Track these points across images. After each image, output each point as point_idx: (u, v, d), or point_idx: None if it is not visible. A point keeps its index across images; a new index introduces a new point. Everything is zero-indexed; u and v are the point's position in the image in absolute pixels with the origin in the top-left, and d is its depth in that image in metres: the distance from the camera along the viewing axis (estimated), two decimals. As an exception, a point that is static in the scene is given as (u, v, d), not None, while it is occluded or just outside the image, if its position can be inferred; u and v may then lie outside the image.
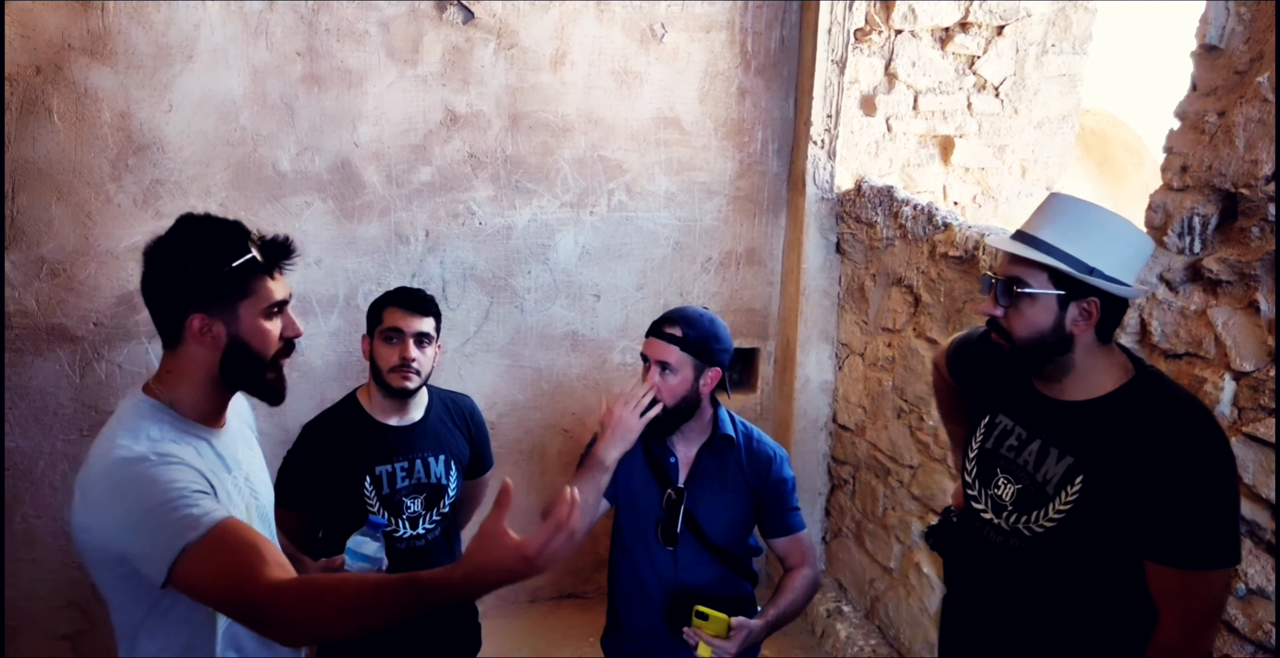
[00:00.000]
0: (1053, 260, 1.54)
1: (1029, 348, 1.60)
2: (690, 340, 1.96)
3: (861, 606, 3.65)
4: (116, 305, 3.14)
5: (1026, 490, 1.67)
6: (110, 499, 1.33)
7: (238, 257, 1.43)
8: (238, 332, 1.45)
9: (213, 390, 1.49)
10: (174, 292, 1.43)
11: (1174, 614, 1.52)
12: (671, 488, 2.00)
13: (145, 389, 1.49)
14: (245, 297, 1.44)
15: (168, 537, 1.29)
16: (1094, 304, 1.57)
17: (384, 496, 2.18)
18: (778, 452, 2.12)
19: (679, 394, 1.98)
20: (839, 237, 3.56)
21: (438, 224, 3.40)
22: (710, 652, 1.84)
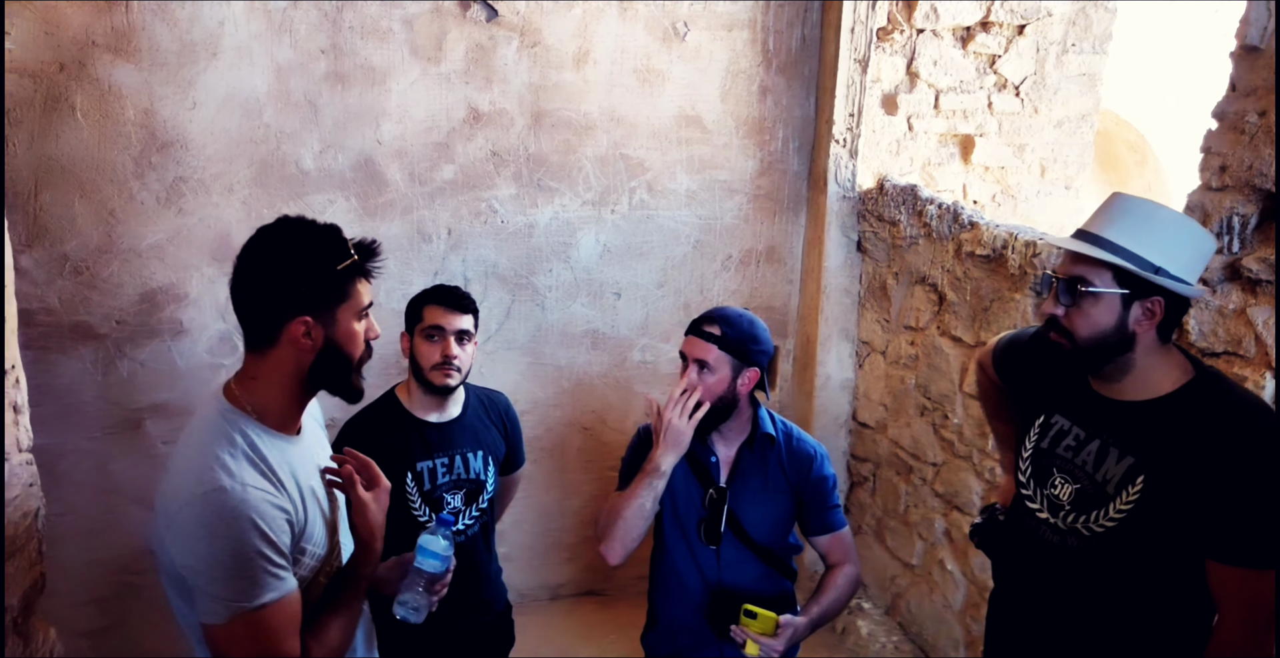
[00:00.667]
0: (1118, 259, 1.55)
1: (1090, 348, 1.60)
2: (729, 340, 1.97)
3: (883, 602, 3.67)
4: (139, 303, 3.13)
5: (1085, 490, 1.67)
6: (195, 532, 1.33)
7: (341, 260, 1.43)
8: (334, 335, 1.45)
9: (298, 394, 1.49)
10: (277, 295, 1.41)
11: (1236, 614, 1.53)
12: (714, 487, 2.00)
13: (226, 394, 1.47)
14: (345, 300, 1.45)
15: (230, 593, 1.33)
16: (1158, 303, 1.58)
17: (425, 491, 2.18)
18: (819, 450, 2.13)
19: (716, 393, 1.99)
20: (860, 235, 3.57)
21: (460, 222, 3.40)
22: (758, 650, 1.85)
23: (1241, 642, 1.53)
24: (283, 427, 1.50)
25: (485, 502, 2.29)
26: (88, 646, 3.23)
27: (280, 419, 1.49)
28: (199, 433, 1.44)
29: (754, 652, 1.86)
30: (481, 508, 2.29)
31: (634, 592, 3.96)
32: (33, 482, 1.59)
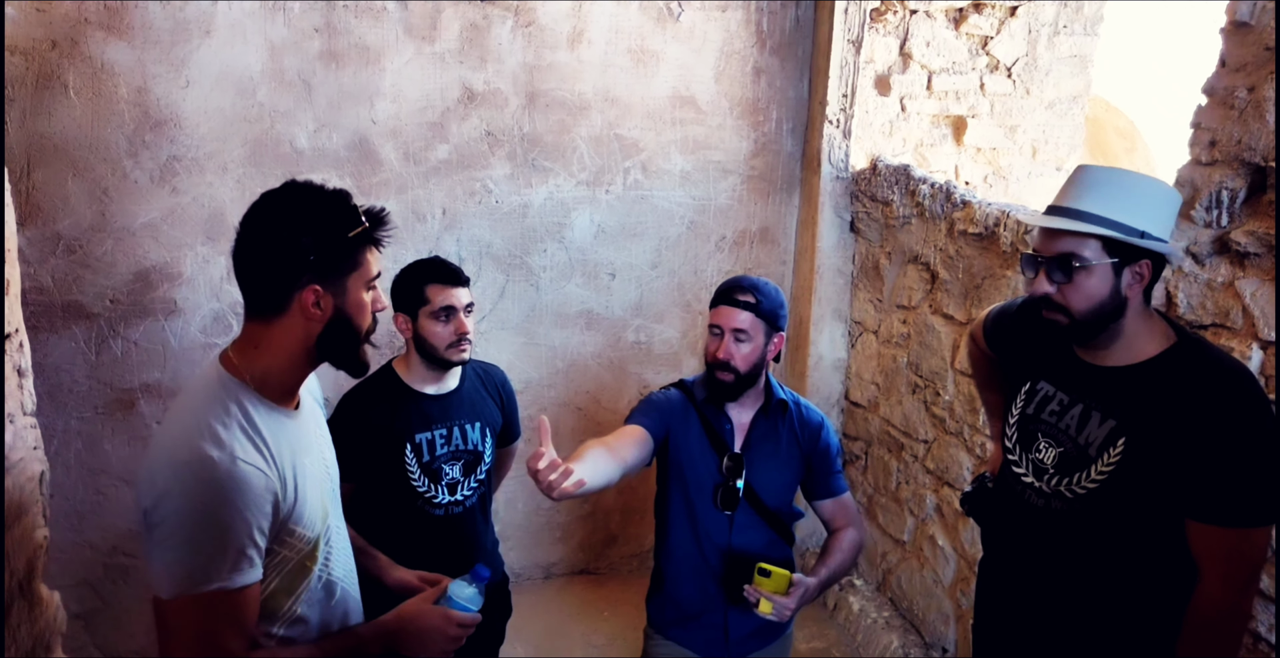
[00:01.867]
0: (1107, 230, 1.57)
1: (1089, 320, 1.62)
2: (763, 307, 2.00)
3: (873, 579, 3.71)
4: (133, 282, 3.12)
5: (1069, 454, 1.71)
6: (171, 498, 1.27)
7: (353, 227, 1.39)
8: (344, 305, 1.40)
9: (302, 365, 1.44)
10: (288, 260, 1.35)
11: (1217, 572, 1.57)
12: (729, 454, 2.03)
13: (224, 362, 1.41)
14: (355, 268, 1.40)
15: (188, 569, 1.27)
16: (1146, 266, 1.61)
17: (424, 463, 2.20)
18: (823, 418, 2.18)
19: (752, 361, 2.01)
20: (853, 215, 3.59)
21: (454, 202, 3.40)
22: (771, 608, 1.88)
23: (1223, 599, 1.56)
24: (282, 400, 1.44)
25: (483, 473, 2.31)
26: (79, 627, 3.22)
27: (280, 392, 1.43)
28: (193, 399, 1.38)
29: (767, 610, 1.89)
30: (479, 479, 2.31)
31: (626, 570, 4.01)
32: (37, 445, 1.58)
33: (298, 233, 1.35)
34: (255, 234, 1.38)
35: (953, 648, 3.18)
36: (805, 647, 3.50)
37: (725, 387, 2.01)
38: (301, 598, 1.44)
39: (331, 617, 1.51)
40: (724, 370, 2.00)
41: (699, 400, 2.07)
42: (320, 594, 1.47)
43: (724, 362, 2.00)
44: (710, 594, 2.07)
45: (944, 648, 3.23)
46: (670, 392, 2.14)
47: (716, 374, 2.02)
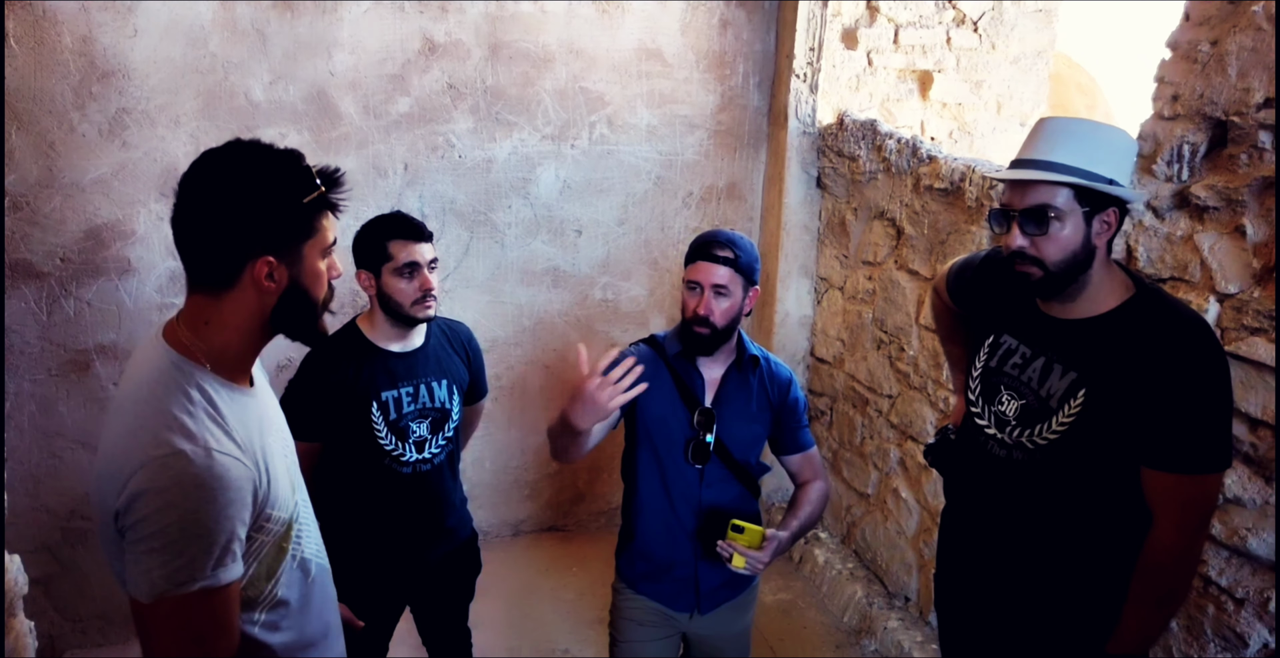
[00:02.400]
0: (1079, 179, 1.58)
1: (1063, 270, 1.63)
2: (741, 261, 1.99)
3: (838, 531, 3.77)
4: (84, 240, 3.04)
5: (1030, 406, 1.73)
6: (147, 500, 1.17)
7: (307, 192, 1.26)
8: (299, 275, 1.29)
9: (256, 340, 1.34)
10: (237, 231, 1.23)
11: (1169, 518, 1.61)
12: (700, 409, 2.03)
13: (170, 339, 1.29)
14: (310, 236, 1.29)
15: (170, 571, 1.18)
16: (1113, 214, 1.62)
17: (391, 421, 2.18)
18: (791, 374, 2.19)
19: (730, 315, 2.00)
20: (820, 171, 3.58)
21: (417, 157, 3.34)
22: (744, 563, 1.89)
23: (1175, 544, 1.61)
24: (237, 378, 1.34)
25: (450, 431, 2.30)
26: (39, 592, 3.17)
27: (235, 369, 1.33)
28: (148, 387, 1.25)
29: (740, 564, 1.90)
30: (447, 437, 2.29)
31: (594, 527, 4.04)
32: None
33: (247, 201, 1.23)
34: (198, 201, 1.25)
35: (915, 597, 3.25)
36: (771, 599, 3.57)
37: (701, 341, 2.00)
38: (281, 581, 1.38)
39: (310, 595, 1.45)
40: (702, 325, 1.98)
41: (670, 355, 2.06)
42: (298, 575, 1.42)
43: (703, 317, 1.98)
44: (681, 548, 2.08)
45: (906, 597, 3.30)
46: (640, 347, 2.13)
47: (694, 329, 2.00)
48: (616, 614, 2.17)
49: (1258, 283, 1.95)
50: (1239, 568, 2.00)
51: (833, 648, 3.28)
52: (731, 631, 2.20)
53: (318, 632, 1.47)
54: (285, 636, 1.39)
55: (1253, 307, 1.94)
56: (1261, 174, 1.93)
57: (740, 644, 2.25)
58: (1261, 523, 1.94)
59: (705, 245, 2.00)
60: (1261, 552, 1.94)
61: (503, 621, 3.36)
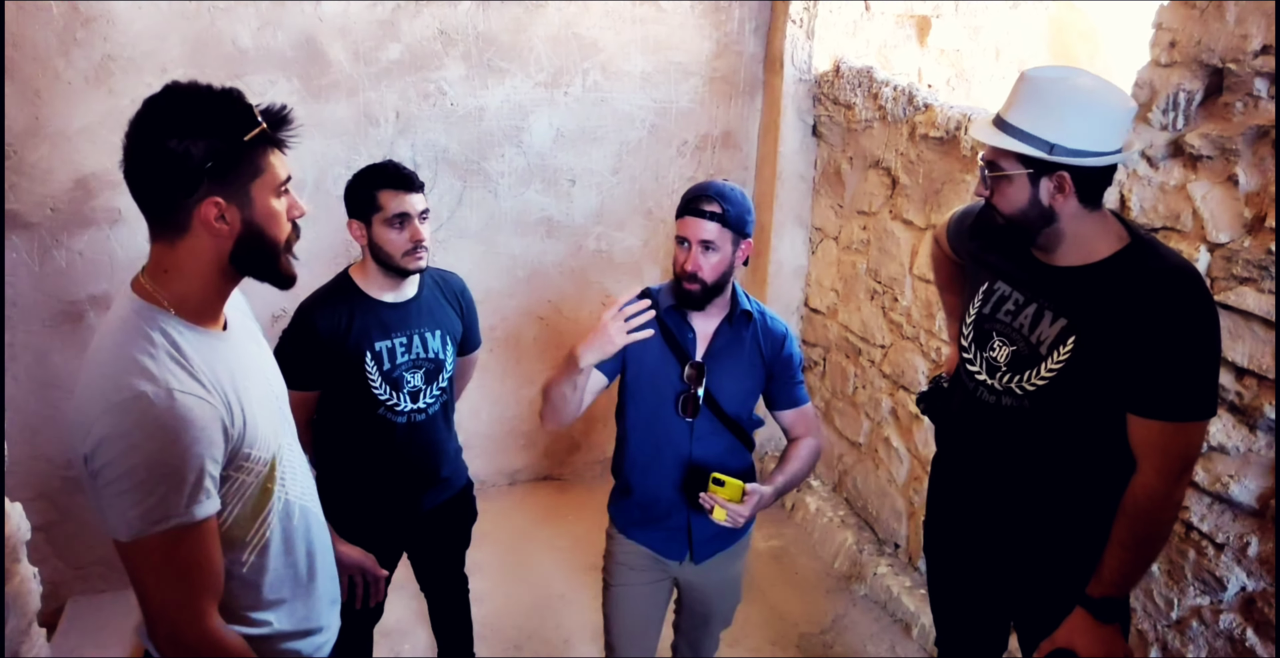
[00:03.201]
0: (1012, 144, 1.62)
1: (1016, 224, 1.71)
2: (730, 216, 1.95)
3: (830, 480, 3.83)
4: (73, 190, 3.01)
5: (1021, 352, 1.75)
6: (113, 442, 1.19)
7: (248, 130, 1.25)
8: (252, 216, 1.29)
9: (220, 284, 1.33)
10: (179, 174, 1.22)
11: (1153, 464, 1.64)
12: (691, 362, 2.03)
13: (137, 289, 1.30)
14: (258, 175, 1.28)
15: (144, 510, 1.20)
16: (1063, 177, 1.63)
17: (385, 371, 2.19)
18: (787, 329, 2.17)
19: (720, 270, 1.97)
20: (816, 119, 3.55)
21: (408, 105, 3.30)
22: (725, 515, 1.92)
23: (1157, 489, 1.64)
24: (205, 320, 1.34)
25: (445, 381, 2.31)
26: (40, 539, 3.21)
27: (201, 313, 1.33)
28: (111, 334, 1.27)
29: (721, 517, 1.93)
30: (441, 388, 2.30)
31: (590, 476, 4.09)
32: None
33: (185, 141, 1.21)
34: (139, 146, 1.23)
35: (904, 543, 3.31)
36: (764, 545, 3.63)
37: (692, 296, 1.99)
38: (266, 522, 1.40)
39: (295, 536, 1.47)
40: (691, 281, 1.97)
41: (662, 309, 2.05)
42: (282, 516, 1.44)
43: (692, 273, 1.96)
44: (673, 498, 2.10)
45: (896, 544, 3.36)
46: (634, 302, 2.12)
47: (684, 285, 1.98)
48: (609, 559, 2.21)
49: (1248, 232, 1.95)
50: (1220, 514, 2.04)
51: (823, 593, 3.35)
52: (723, 577, 2.23)
53: (304, 574, 1.49)
54: (272, 576, 1.42)
55: (1242, 256, 1.95)
56: (1256, 122, 1.92)
57: (731, 591, 2.28)
58: (1244, 470, 1.98)
59: (693, 200, 1.97)
60: (1243, 498, 1.97)
61: (500, 567, 3.42)
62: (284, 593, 1.45)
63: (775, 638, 3.10)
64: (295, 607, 1.47)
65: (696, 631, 2.31)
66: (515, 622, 3.14)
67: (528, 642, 3.05)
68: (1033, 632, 1.86)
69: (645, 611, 2.19)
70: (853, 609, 3.25)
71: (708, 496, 1.93)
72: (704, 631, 2.30)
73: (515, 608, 3.22)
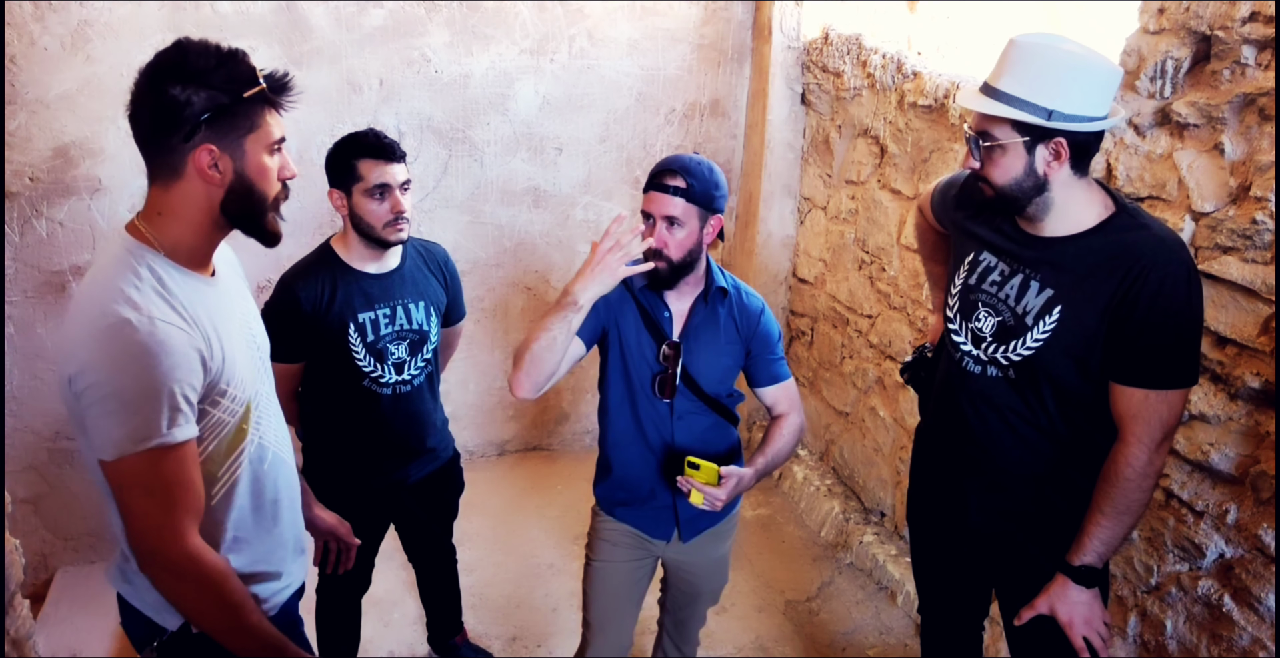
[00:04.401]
0: (1010, 112, 1.59)
1: (1009, 194, 1.68)
2: (694, 191, 1.87)
3: (816, 449, 3.84)
4: (53, 159, 2.97)
5: (1006, 323, 1.75)
6: (98, 364, 1.26)
7: (249, 87, 1.33)
8: (243, 168, 1.36)
9: (210, 231, 1.41)
10: (178, 121, 1.30)
11: (1135, 433, 1.65)
12: (668, 342, 2.00)
13: (130, 230, 1.39)
14: (253, 130, 1.36)
15: (128, 429, 1.27)
16: (1060, 144, 1.62)
17: (368, 343, 2.18)
18: (763, 304, 2.12)
19: (686, 247, 1.91)
20: (804, 87, 3.51)
21: (392, 72, 3.25)
22: (702, 499, 1.91)
23: (1137, 456, 1.65)
24: (194, 265, 1.41)
25: (429, 352, 2.30)
26: (29, 511, 3.22)
27: (191, 257, 1.40)
28: (102, 269, 1.35)
29: (699, 501, 1.92)
30: (426, 359, 2.30)
31: (578, 447, 4.11)
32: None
33: (188, 90, 1.30)
34: (147, 94, 1.32)
35: (890, 512, 3.34)
36: (751, 514, 3.66)
37: (659, 275, 1.93)
38: (239, 461, 1.46)
39: (264, 480, 1.53)
40: (657, 259, 1.91)
41: (636, 288, 2.01)
42: (254, 458, 1.50)
43: (656, 250, 1.90)
44: (657, 479, 2.08)
45: (882, 512, 3.39)
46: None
47: (650, 263, 1.92)
48: (593, 535, 2.20)
49: (1233, 201, 1.94)
50: (1200, 482, 2.05)
51: (810, 561, 3.38)
52: (710, 557, 2.21)
53: (269, 517, 1.55)
54: (236, 515, 1.48)
55: (1227, 226, 1.94)
56: (1243, 91, 1.90)
57: (719, 570, 2.26)
58: (1224, 439, 1.99)
59: (657, 174, 1.92)
60: (1222, 466, 1.99)
61: (488, 537, 3.44)
62: (246, 533, 1.50)
63: (762, 605, 3.13)
64: (256, 548, 1.53)
65: (683, 610, 2.30)
66: (504, 591, 3.17)
67: (516, 610, 3.08)
68: (1014, 599, 1.88)
69: (625, 588, 2.18)
70: (839, 577, 3.29)
71: (684, 479, 1.91)
72: (691, 610, 2.30)
73: (504, 577, 3.24)
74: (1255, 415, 1.93)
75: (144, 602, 1.49)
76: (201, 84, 1.30)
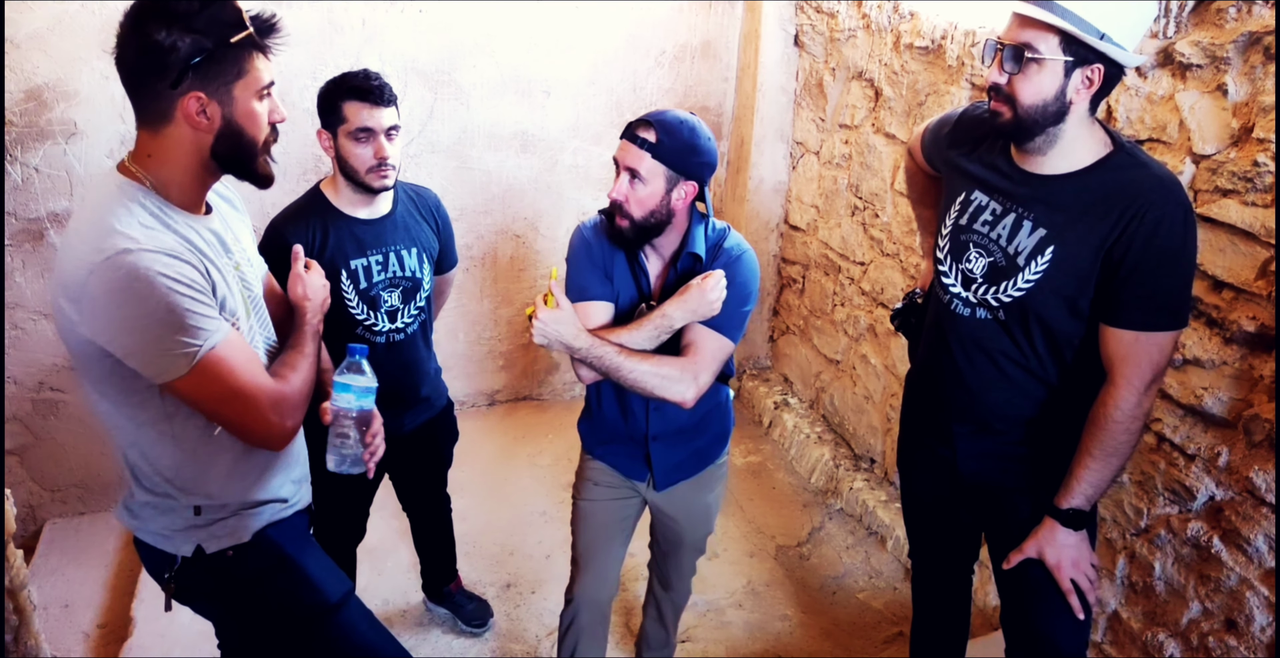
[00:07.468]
0: (1065, 23, 1.52)
1: (1030, 116, 1.61)
2: (664, 148, 1.76)
3: (807, 397, 3.85)
4: (25, 102, 2.88)
5: (997, 263, 1.73)
6: (112, 298, 1.27)
7: (236, 32, 1.32)
8: (232, 113, 1.36)
9: (200, 174, 1.42)
10: (165, 67, 1.29)
11: (1124, 375, 1.64)
12: (645, 301, 1.96)
13: (121, 170, 1.39)
14: (241, 76, 1.35)
15: (174, 347, 1.30)
16: (1097, 71, 1.57)
17: (361, 290, 2.14)
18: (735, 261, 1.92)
19: (649, 208, 1.80)
20: (798, 28, 3.43)
21: (374, 12, 3.15)
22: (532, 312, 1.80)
23: (1126, 398, 1.64)
24: (186, 205, 1.43)
25: (423, 300, 2.26)
26: (15, 462, 3.19)
27: (183, 197, 1.42)
28: (91, 207, 1.35)
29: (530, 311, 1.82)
30: (419, 306, 2.26)
31: (569, 396, 4.10)
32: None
33: (173, 35, 1.28)
34: (132, 38, 1.30)
35: (880, 459, 3.36)
36: (741, 461, 3.68)
37: (621, 233, 1.83)
38: None
39: None
40: (621, 215, 1.82)
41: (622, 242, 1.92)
42: None
43: (618, 203, 1.81)
44: (635, 424, 2.04)
45: (872, 459, 3.41)
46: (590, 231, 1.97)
47: (615, 218, 1.83)
48: (579, 476, 2.20)
49: (1234, 144, 1.92)
50: (1192, 426, 2.06)
51: (800, 507, 3.41)
52: (692, 507, 2.19)
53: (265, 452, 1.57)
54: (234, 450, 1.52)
55: (1227, 168, 1.92)
56: (1249, 29, 1.86)
57: (701, 520, 2.23)
58: (1218, 383, 1.99)
59: (633, 123, 1.82)
60: (1215, 410, 1.99)
61: (481, 486, 3.45)
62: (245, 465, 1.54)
63: (753, 551, 3.16)
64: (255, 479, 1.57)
65: (668, 558, 2.31)
66: (497, 539, 3.19)
67: (510, 558, 3.10)
68: (1003, 543, 1.90)
69: (609, 526, 2.18)
70: (829, 523, 3.32)
71: None
72: (675, 556, 2.30)
73: (497, 526, 3.25)
74: (1250, 360, 1.93)
75: (150, 533, 1.53)
76: (187, 28, 1.28)
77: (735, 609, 2.89)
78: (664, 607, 2.41)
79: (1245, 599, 1.96)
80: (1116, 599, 2.32)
